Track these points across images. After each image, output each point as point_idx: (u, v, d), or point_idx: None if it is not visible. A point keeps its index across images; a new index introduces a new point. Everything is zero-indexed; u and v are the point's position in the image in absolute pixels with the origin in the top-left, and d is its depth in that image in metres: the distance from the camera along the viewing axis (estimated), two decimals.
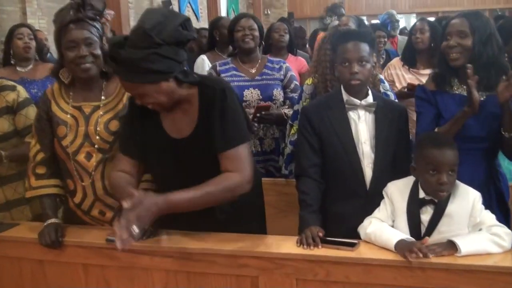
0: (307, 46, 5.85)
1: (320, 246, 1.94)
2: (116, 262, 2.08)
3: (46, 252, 2.15)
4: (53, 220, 2.16)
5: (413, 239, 1.91)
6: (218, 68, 3.14)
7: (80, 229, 2.23)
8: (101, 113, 2.17)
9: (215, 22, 4.21)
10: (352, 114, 2.21)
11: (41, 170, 2.25)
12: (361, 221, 2.09)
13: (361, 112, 2.20)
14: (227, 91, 1.95)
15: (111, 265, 2.11)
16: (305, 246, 1.95)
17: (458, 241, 1.83)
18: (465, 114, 2.12)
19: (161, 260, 2.03)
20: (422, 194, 2.03)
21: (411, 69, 3.64)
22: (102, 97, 2.20)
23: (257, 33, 3.14)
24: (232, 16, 11.99)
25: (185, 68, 1.94)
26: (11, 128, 2.53)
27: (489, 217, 1.98)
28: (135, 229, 1.67)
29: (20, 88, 2.59)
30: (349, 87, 2.20)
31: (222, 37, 4.01)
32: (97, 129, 2.15)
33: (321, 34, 5.47)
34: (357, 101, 2.21)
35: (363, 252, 1.92)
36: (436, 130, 2.25)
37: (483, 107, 2.13)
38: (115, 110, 2.18)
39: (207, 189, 1.87)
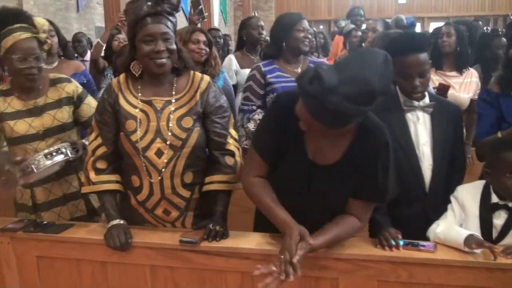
0: None
1: (401, 248, 1.93)
2: (187, 264, 2.04)
3: (110, 254, 2.09)
4: (118, 221, 2.10)
5: (482, 239, 1.92)
6: (262, 69, 3.09)
7: (145, 230, 2.17)
8: (172, 108, 2.12)
9: (244, 23, 4.17)
10: (410, 116, 2.21)
11: (101, 165, 2.18)
12: (421, 224, 2.12)
13: (419, 114, 2.21)
14: (389, 147, 1.88)
15: (182, 267, 2.06)
16: (386, 248, 1.93)
17: None
18: None
19: (238, 262, 2.00)
20: (495, 199, 2.06)
21: (437, 71, 3.67)
22: (173, 93, 2.15)
23: (312, 38, 3.10)
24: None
25: None
26: (70, 119, 2.50)
27: None
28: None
29: (73, 80, 2.57)
30: (409, 98, 2.19)
31: (250, 37, 4.00)
32: (170, 125, 2.10)
33: (338, 37, 5.50)
34: (415, 103, 2.21)
35: (444, 253, 1.92)
36: (499, 133, 2.26)
37: None
38: (188, 106, 2.13)
39: (341, 232, 1.92)
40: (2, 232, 2.19)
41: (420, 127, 2.19)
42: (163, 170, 2.11)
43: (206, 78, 2.22)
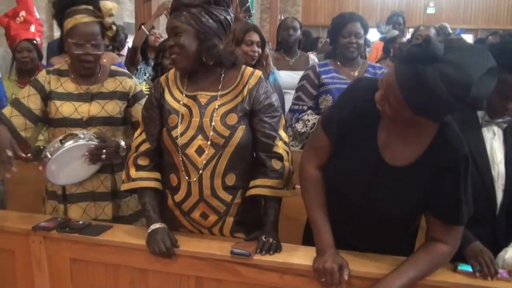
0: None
1: (498, 276, 1.76)
2: (237, 277, 1.87)
3: (152, 261, 1.92)
4: (160, 225, 1.94)
5: None
6: (318, 69, 2.98)
7: (191, 237, 2.00)
8: (217, 105, 1.96)
9: (279, 24, 4.18)
10: (486, 131, 2.01)
11: (143, 162, 2.05)
12: (488, 248, 1.89)
13: (495, 129, 2.02)
14: (469, 162, 1.71)
15: (231, 280, 1.89)
16: (488, 278, 1.76)
17: None
18: None
19: (293, 279, 1.83)
20: None
21: None
22: (219, 88, 1.99)
23: (361, 41, 2.93)
24: None
25: None
26: (119, 115, 2.37)
27: None
28: None
29: (135, 79, 2.46)
30: (491, 117, 1.99)
31: (282, 38, 3.99)
32: (213, 121, 1.94)
33: (377, 42, 5.33)
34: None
35: None
36: None
37: None
38: (234, 102, 1.97)
39: (420, 266, 1.73)
40: (34, 230, 2.03)
41: (496, 144, 2.00)
42: (202, 169, 1.95)
43: (257, 73, 2.05)
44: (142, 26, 4.46)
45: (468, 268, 1.78)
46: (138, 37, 4.45)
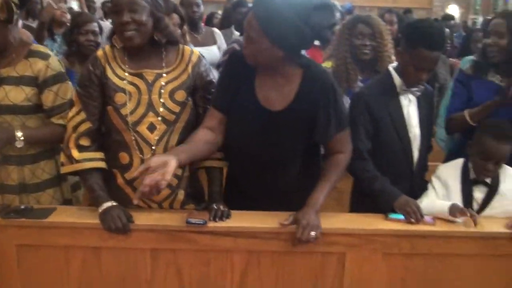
0: None
1: (421, 221, 2.05)
2: (193, 245, 1.98)
3: (105, 239, 1.97)
4: (112, 203, 1.98)
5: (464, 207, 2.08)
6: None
7: (143, 212, 2.06)
8: (164, 82, 2.02)
9: (181, 2, 4.13)
10: (403, 99, 2.29)
11: (85, 142, 2.04)
12: None
13: (410, 96, 2.30)
14: (337, 90, 2.04)
15: (186, 249, 1.99)
16: (412, 220, 2.03)
17: None
18: (495, 103, 2.33)
19: (245, 241, 1.97)
20: (473, 175, 2.21)
21: None
22: (163, 65, 2.05)
23: None
24: None
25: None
26: (25, 102, 2.17)
27: None
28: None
29: (53, 59, 2.23)
30: (407, 87, 2.27)
31: (188, 16, 3.95)
32: (162, 98, 2.00)
33: None
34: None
35: (442, 226, 2.03)
36: (466, 111, 2.40)
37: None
38: (180, 79, 2.05)
39: (332, 177, 2.04)
40: None
41: (412, 109, 2.28)
42: (155, 146, 2.02)
43: (197, 51, 2.15)
44: (50, 0, 4.24)
45: (398, 216, 2.05)
46: (46, 12, 4.16)
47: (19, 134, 2.12)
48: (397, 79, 2.27)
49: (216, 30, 4.16)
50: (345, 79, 2.86)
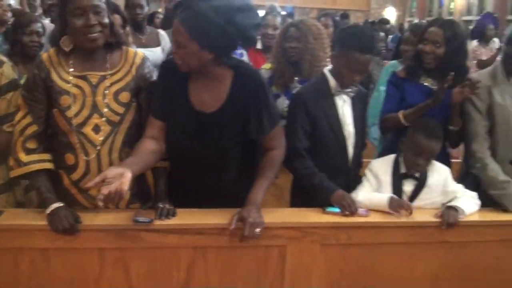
0: None
1: (357, 214, 2.19)
2: (139, 243, 2.04)
3: (53, 240, 2.00)
4: (59, 204, 2.01)
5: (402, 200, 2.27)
6: None
7: (91, 212, 2.10)
8: (108, 84, 2.08)
9: (126, 3, 4.02)
10: (338, 99, 2.44)
11: (32, 145, 2.07)
12: None
13: (344, 97, 2.45)
14: (266, 86, 2.16)
15: (133, 247, 2.05)
16: (347, 213, 2.18)
17: (460, 205, 2.24)
18: (428, 105, 2.47)
19: (191, 238, 2.05)
20: (403, 169, 2.38)
21: None
22: (107, 67, 2.10)
23: None
24: None
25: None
26: None
27: (458, 186, 2.42)
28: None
29: (7, 66, 2.23)
30: (342, 87, 2.42)
31: (132, 17, 3.91)
32: (106, 100, 2.06)
33: None
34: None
35: (375, 217, 2.19)
36: (400, 112, 2.57)
37: (444, 100, 2.49)
38: (124, 81, 2.11)
39: (269, 174, 2.13)
40: None
41: (346, 109, 2.43)
42: (99, 146, 2.07)
43: (140, 53, 2.22)
44: None
45: (334, 209, 2.18)
46: None
47: None
48: (332, 81, 2.42)
49: (161, 31, 4.16)
50: (282, 80, 3.00)
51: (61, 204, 2.02)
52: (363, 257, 2.18)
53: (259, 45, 3.89)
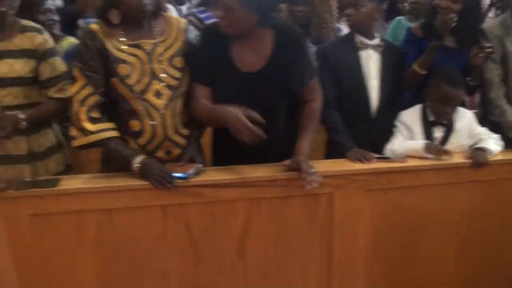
0: None
1: (374, 160, 2.32)
2: (199, 198, 2.16)
3: (118, 200, 2.11)
4: (143, 156, 2.11)
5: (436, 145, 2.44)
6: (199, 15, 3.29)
7: None
8: (161, 50, 2.18)
9: None
10: (363, 53, 2.58)
11: (96, 114, 2.14)
12: (365, 146, 2.49)
13: (371, 52, 2.59)
14: (302, 35, 2.29)
15: (193, 202, 2.17)
16: (364, 161, 2.30)
17: (487, 146, 2.43)
18: (435, 46, 2.59)
19: (247, 190, 2.18)
20: (431, 117, 2.53)
21: None
22: (157, 35, 2.20)
23: None
24: None
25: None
26: (29, 74, 2.30)
27: (482, 129, 2.59)
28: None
29: (47, 34, 2.37)
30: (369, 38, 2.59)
31: None
32: (162, 66, 2.16)
33: None
34: (368, 41, 2.59)
35: (412, 162, 2.35)
36: (414, 64, 2.70)
37: (458, 56, 2.66)
38: (175, 47, 2.21)
39: (312, 125, 2.27)
40: None
41: (372, 64, 2.59)
42: (163, 110, 2.17)
43: (182, 19, 2.34)
44: None
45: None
46: None
47: (21, 116, 2.21)
48: (357, 37, 2.57)
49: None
50: None
51: (145, 156, 2.12)
52: (402, 199, 2.34)
53: None
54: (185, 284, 2.27)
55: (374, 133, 2.63)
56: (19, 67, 2.29)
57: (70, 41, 3.09)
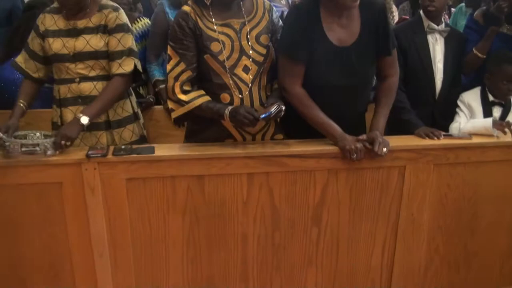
0: None
1: (442, 137, 2.47)
2: (283, 168, 2.32)
3: (209, 167, 2.27)
4: (231, 106, 2.25)
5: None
6: None
7: (240, 144, 2.38)
8: (248, 29, 2.32)
9: None
10: (430, 38, 2.74)
11: (187, 87, 2.29)
12: (427, 124, 2.64)
13: (437, 36, 2.75)
14: (386, 7, 2.40)
15: (277, 171, 2.33)
16: (434, 138, 2.46)
17: None
18: (494, 31, 2.78)
19: (326, 161, 2.34)
20: (491, 98, 2.68)
21: None
22: (244, 15, 2.33)
23: None
24: None
25: None
26: (103, 48, 2.46)
27: None
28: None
29: (122, 12, 2.51)
30: (427, 12, 2.70)
31: None
32: (250, 43, 2.30)
33: None
34: (435, 26, 2.73)
35: (477, 139, 2.50)
36: (474, 49, 2.86)
37: None
38: (261, 26, 2.35)
39: (388, 101, 2.43)
40: (88, 158, 2.21)
41: (437, 47, 2.75)
42: (251, 84, 2.32)
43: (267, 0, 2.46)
44: None
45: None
46: None
47: (84, 121, 2.32)
48: (425, 20, 2.71)
49: None
50: None
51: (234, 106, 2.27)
52: (467, 174, 2.50)
53: None
54: (262, 246, 2.45)
55: (436, 114, 2.79)
56: (94, 42, 2.45)
57: (146, 21, 3.21)
